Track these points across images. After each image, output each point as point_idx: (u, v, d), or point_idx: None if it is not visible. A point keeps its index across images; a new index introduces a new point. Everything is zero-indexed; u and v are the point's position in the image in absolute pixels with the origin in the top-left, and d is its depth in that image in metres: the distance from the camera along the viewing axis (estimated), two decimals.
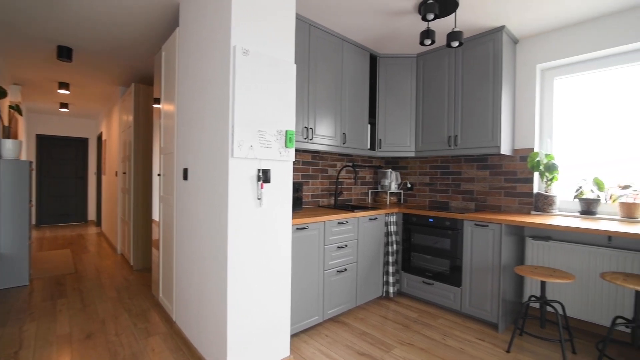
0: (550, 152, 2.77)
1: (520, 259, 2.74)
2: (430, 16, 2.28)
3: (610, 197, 2.48)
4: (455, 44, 2.41)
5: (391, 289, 2.96)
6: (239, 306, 1.70)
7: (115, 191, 4.81)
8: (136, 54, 3.34)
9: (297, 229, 2.19)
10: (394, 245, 2.97)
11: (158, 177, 2.85)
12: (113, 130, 5.19)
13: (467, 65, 2.86)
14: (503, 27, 2.64)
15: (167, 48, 2.60)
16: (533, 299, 2.21)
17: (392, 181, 3.49)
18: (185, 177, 2.18)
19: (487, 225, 2.48)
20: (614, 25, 2.42)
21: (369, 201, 3.70)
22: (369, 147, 3.20)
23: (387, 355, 2.11)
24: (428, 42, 2.48)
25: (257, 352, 1.80)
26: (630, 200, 2.34)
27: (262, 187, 1.75)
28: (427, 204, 3.49)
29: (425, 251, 2.89)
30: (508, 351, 2.19)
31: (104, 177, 6.19)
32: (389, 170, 3.51)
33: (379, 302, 2.97)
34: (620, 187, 2.42)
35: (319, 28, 2.66)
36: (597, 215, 2.49)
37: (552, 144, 2.80)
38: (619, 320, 2.31)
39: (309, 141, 2.60)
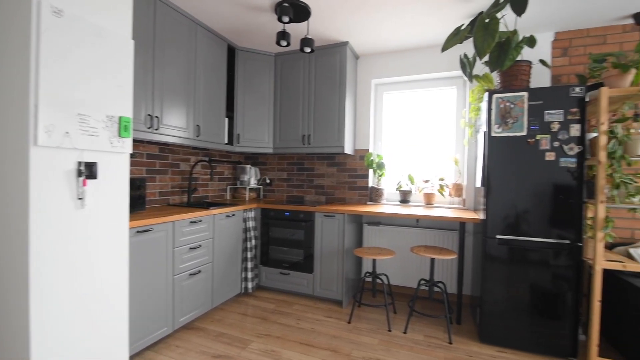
0: (380, 153, 3.37)
1: (359, 242, 3.24)
2: (286, 19, 2.38)
3: (418, 189, 3.22)
4: (308, 49, 2.60)
5: (250, 285, 2.96)
6: (51, 340, 1.33)
7: None
8: None
9: (138, 232, 1.90)
10: (253, 241, 2.98)
11: None
12: None
13: (319, 72, 3.14)
14: (347, 42, 3.02)
15: None
16: (367, 274, 2.66)
17: (251, 177, 3.49)
18: None
19: (334, 216, 2.81)
20: (420, 57, 3.14)
21: (228, 197, 3.59)
22: (226, 141, 3.09)
23: (244, 351, 2.11)
24: (284, 43, 2.58)
25: None
26: (430, 191, 3.11)
27: (84, 184, 1.42)
28: (285, 198, 3.66)
29: (282, 244, 3.02)
30: (349, 322, 2.55)
31: None
32: (248, 166, 3.49)
33: (237, 300, 2.93)
34: (424, 181, 3.18)
35: (167, 4, 2.36)
36: (410, 203, 3.20)
37: (382, 146, 3.41)
38: (422, 282, 3.04)
39: (155, 131, 2.28)
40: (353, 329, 2.44)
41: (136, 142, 2.48)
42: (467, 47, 2.89)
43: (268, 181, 3.70)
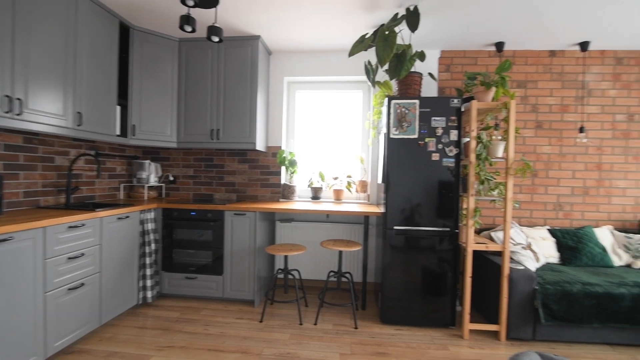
0: (292, 150, 3.41)
1: (272, 239, 3.22)
2: (190, 2, 2.18)
3: (329, 186, 3.37)
4: (216, 39, 2.44)
5: (149, 294, 2.66)
6: None
7: None
8: None
9: None
10: (153, 245, 2.68)
11: None
12: None
13: (229, 64, 2.99)
14: (259, 36, 2.95)
15: None
16: (279, 271, 2.67)
17: (151, 174, 3.13)
18: None
19: (245, 214, 2.73)
20: (331, 60, 3.27)
21: (122, 197, 3.15)
22: (119, 133, 2.69)
23: None
24: (188, 29, 2.36)
25: None
26: (339, 188, 3.29)
27: None
28: (192, 197, 3.40)
29: (188, 246, 2.80)
30: (261, 321, 2.52)
31: None
32: (148, 161, 3.12)
33: (134, 312, 2.60)
34: (333, 178, 3.34)
35: None
36: (321, 200, 3.32)
37: (294, 143, 3.46)
38: (331, 273, 3.20)
39: (17, 117, 1.84)
40: (265, 327, 2.42)
41: None
42: (372, 55, 3.13)
43: (171, 178, 3.37)
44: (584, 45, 2.91)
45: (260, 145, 3.08)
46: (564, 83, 3.07)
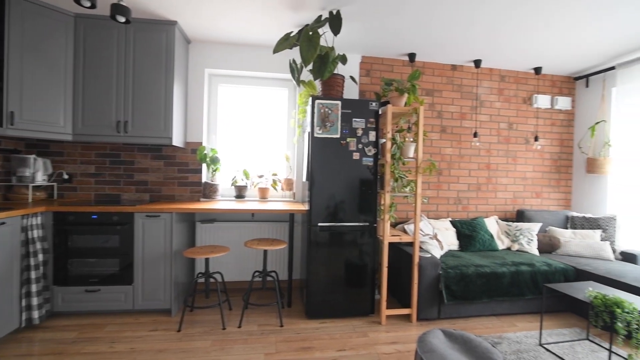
0: (215, 147, 3.23)
1: (192, 242, 3.01)
2: None
3: (253, 184, 3.28)
4: (122, 19, 2.17)
5: (36, 314, 2.24)
6: None
7: None
8: None
9: None
10: (40, 256, 2.26)
11: None
12: None
13: (140, 49, 2.68)
14: (175, 22, 2.71)
15: None
16: (200, 275, 2.51)
17: (37, 171, 2.63)
18: None
19: (159, 216, 2.49)
20: (257, 55, 3.19)
21: None
22: None
23: None
24: (86, 3, 2.05)
25: None
26: (264, 186, 3.23)
27: None
28: (93, 198, 2.96)
29: (88, 254, 2.43)
30: (179, 330, 2.33)
31: None
32: (32, 156, 2.61)
33: (15, 337, 2.17)
34: (258, 176, 3.27)
35: None
36: (246, 198, 3.22)
37: (217, 139, 3.28)
38: (256, 273, 3.14)
39: None
40: (183, 337, 2.25)
41: None
42: (297, 54, 3.15)
43: (66, 177, 2.89)
44: (477, 63, 3.39)
45: (177, 141, 2.84)
46: (462, 94, 3.54)
